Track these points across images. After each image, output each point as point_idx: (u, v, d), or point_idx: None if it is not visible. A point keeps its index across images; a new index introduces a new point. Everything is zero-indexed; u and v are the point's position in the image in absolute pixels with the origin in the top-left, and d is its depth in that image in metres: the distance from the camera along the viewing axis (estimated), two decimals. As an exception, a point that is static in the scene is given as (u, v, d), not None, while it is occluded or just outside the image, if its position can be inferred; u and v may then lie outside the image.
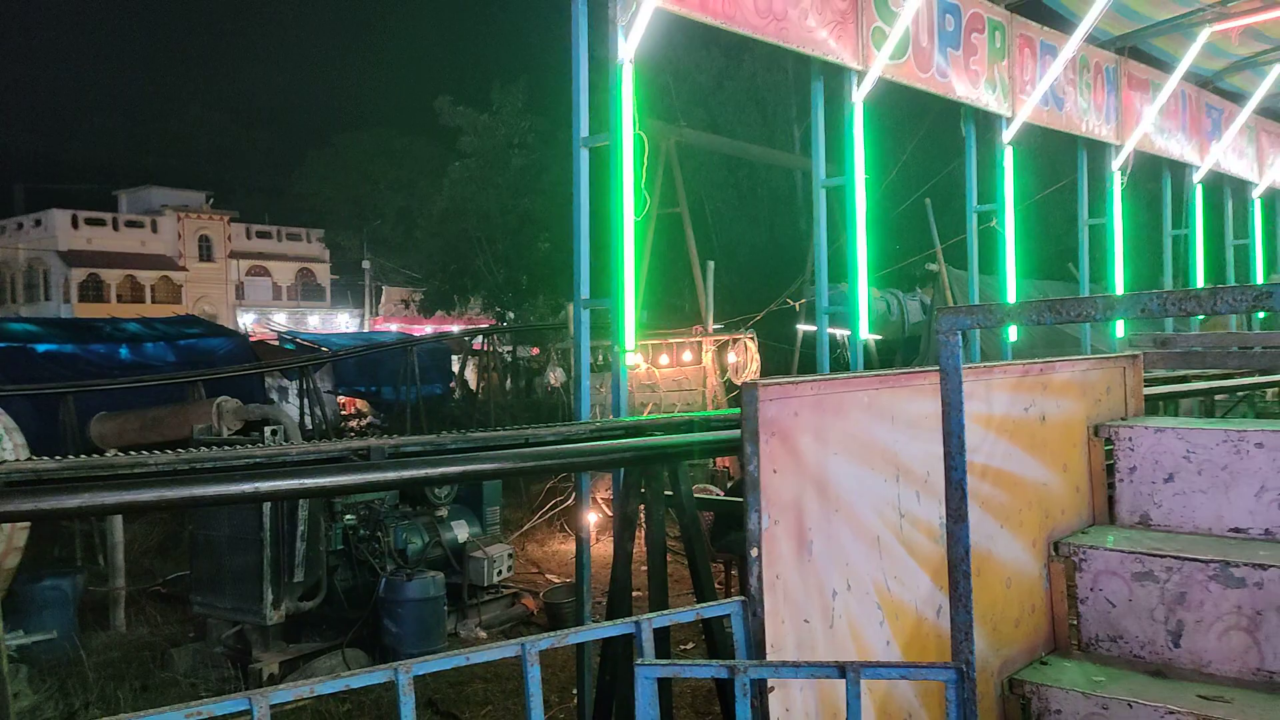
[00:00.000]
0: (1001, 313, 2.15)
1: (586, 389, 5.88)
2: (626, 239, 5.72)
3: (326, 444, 3.27)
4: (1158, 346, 3.96)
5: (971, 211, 9.56)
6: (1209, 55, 11.37)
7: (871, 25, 7.56)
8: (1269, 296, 1.53)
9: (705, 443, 4.27)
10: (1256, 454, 2.99)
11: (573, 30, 5.86)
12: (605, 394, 10.40)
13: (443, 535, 8.31)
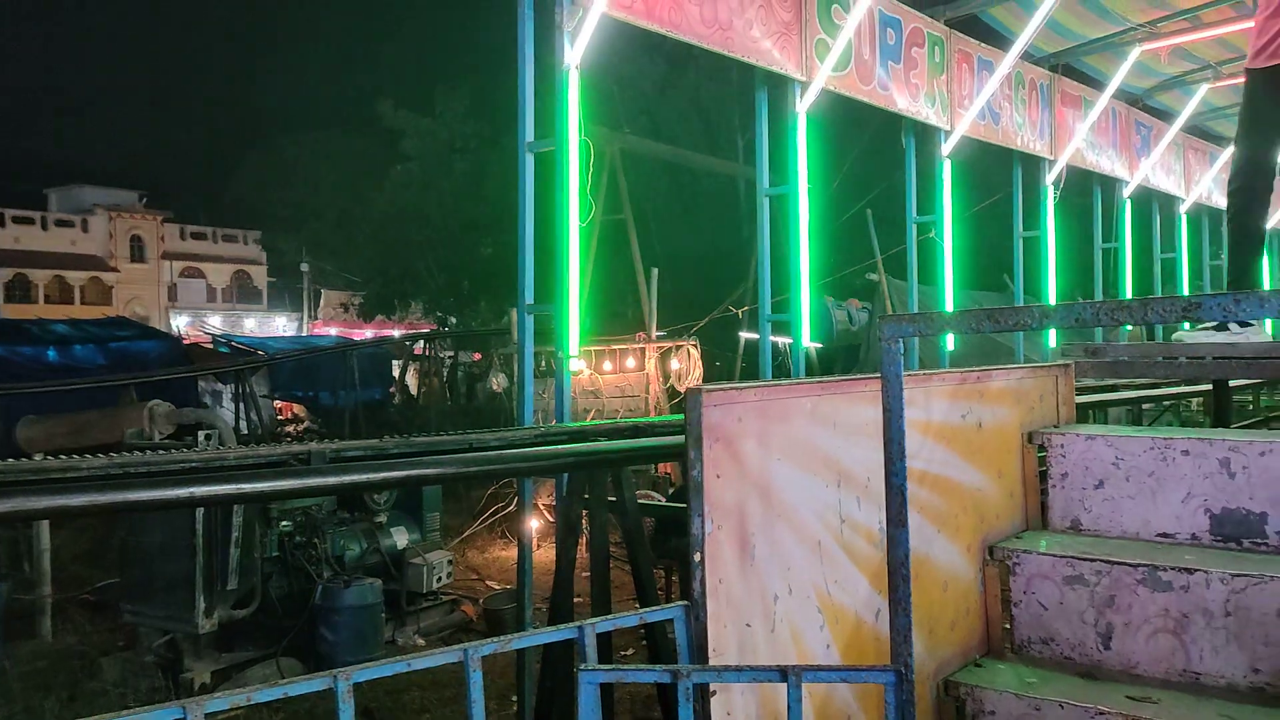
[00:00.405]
0: (942, 321, 2.19)
1: (530, 394, 5.86)
2: (571, 245, 5.72)
3: (265, 448, 3.21)
4: (1088, 356, 4.06)
5: (911, 222, 9.73)
6: (1139, 74, 11.72)
7: (815, 37, 7.66)
8: (1197, 307, 1.58)
9: (649, 448, 4.29)
10: (1182, 461, 3.08)
11: (519, 35, 5.85)
12: (548, 400, 10.37)
13: (381, 542, 8.21)
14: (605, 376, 13.66)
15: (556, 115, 5.75)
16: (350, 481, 3.07)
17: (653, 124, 24.99)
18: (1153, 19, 10.18)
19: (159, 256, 52.85)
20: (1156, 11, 10.03)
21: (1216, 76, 11.95)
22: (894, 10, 8.74)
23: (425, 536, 8.77)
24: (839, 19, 7.82)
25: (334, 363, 17.61)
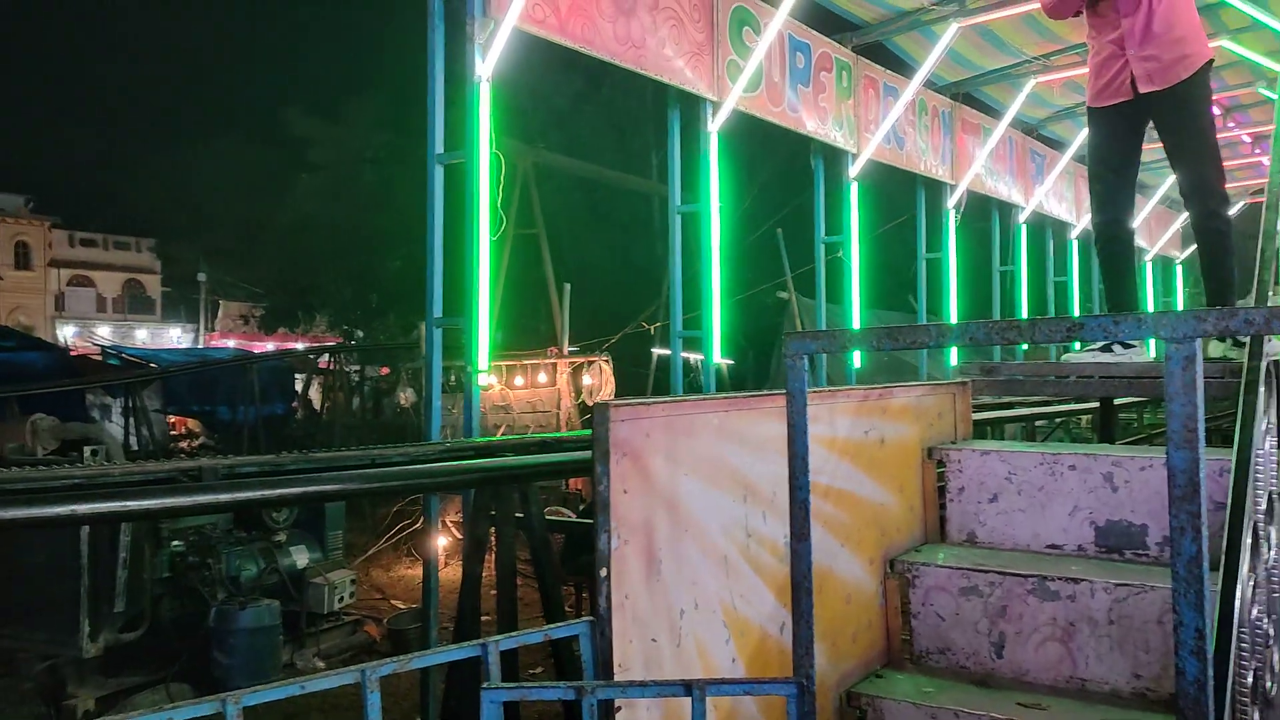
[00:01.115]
0: (845, 338, 2.23)
1: (438, 409, 5.78)
2: (482, 258, 5.67)
3: (153, 464, 3.09)
4: (984, 374, 4.19)
5: (819, 242, 9.93)
6: (1034, 104, 12.22)
7: (727, 58, 7.78)
8: (1080, 328, 1.65)
9: (557, 463, 4.26)
10: (1070, 475, 3.20)
11: (428, 46, 5.79)
12: (457, 415, 10.25)
13: (280, 561, 7.97)
14: (516, 391, 13.57)
15: (467, 127, 5.71)
16: (245, 498, 2.97)
17: (567, 139, 25.00)
18: (1046, 53, 10.63)
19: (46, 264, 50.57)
20: (1050, 45, 10.47)
21: (1105, 109, 12.51)
22: (803, 35, 8.94)
23: (327, 555, 8.55)
24: (750, 41, 7.96)
25: (233, 377, 17.06)
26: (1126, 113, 4.32)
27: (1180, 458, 1.52)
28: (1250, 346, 2.34)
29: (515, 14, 5.73)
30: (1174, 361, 1.52)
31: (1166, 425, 1.55)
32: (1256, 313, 1.54)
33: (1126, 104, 4.29)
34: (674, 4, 7.25)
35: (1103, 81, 4.36)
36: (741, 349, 18.56)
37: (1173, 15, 4.19)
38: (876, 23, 9.59)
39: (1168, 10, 4.17)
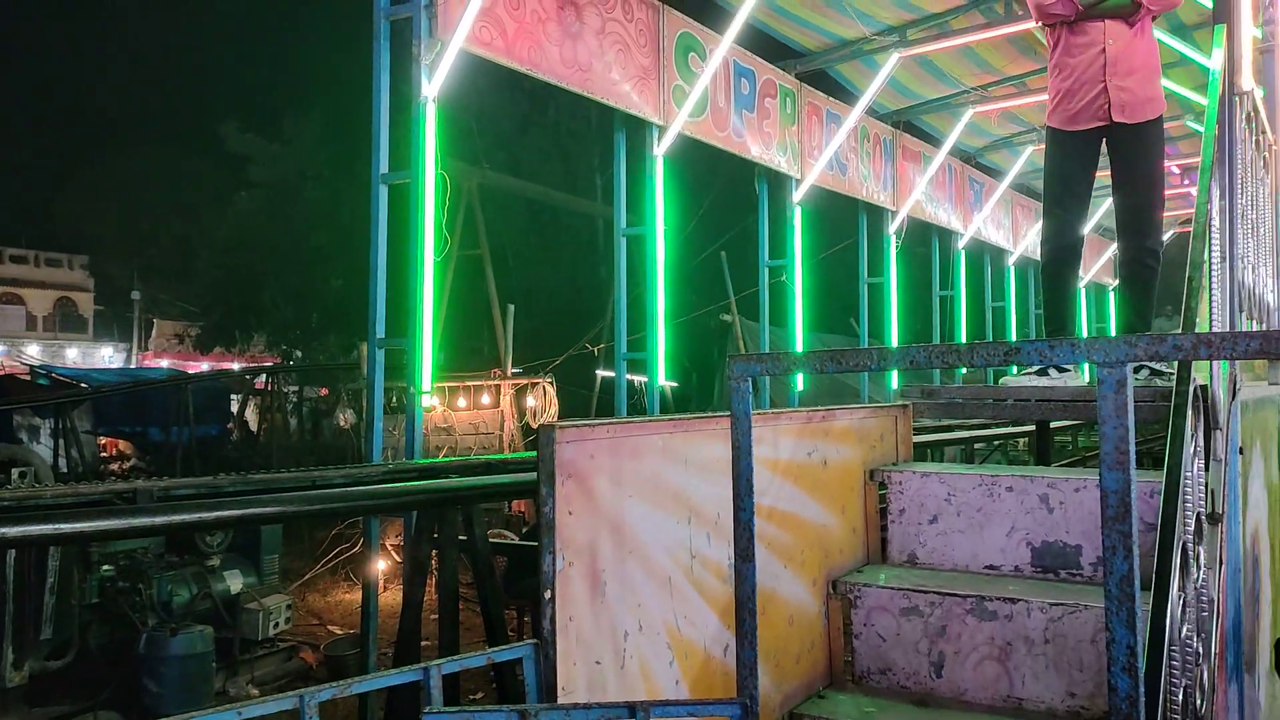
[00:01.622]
0: (788, 361, 2.26)
1: (379, 430, 5.71)
2: (426, 279, 5.64)
3: (85, 486, 3.01)
4: (924, 397, 4.26)
5: (763, 266, 10.04)
6: (972, 133, 12.53)
7: (673, 83, 7.85)
8: (1017, 352, 1.69)
9: (501, 485, 4.24)
10: (1007, 497, 3.27)
11: (374, 66, 5.77)
12: (399, 437, 10.13)
13: (213, 586, 7.76)
14: (459, 413, 13.44)
15: (413, 148, 5.69)
16: (181, 521, 2.90)
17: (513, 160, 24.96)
18: (984, 83, 10.93)
19: (-27, 280, 49.07)
20: (987, 76, 10.76)
21: (1040, 139, 12.88)
22: (748, 62, 9.07)
23: (262, 580, 8.36)
24: (696, 67, 8.05)
25: (166, 397, 16.66)
26: (1094, 139, 4.37)
27: (1112, 479, 1.56)
28: (1179, 372, 2.41)
29: (462, 36, 5.73)
30: (1106, 385, 1.56)
31: (1099, 448, 1.59)
32: (1185, 339, 1.59)
33: (1097, 130, 4.32)
34: (620, 29, 7.31)
35: (1078, 105, 4.34)
36: (685, 371, 18.64)
37: (1151, 56, 4.32)
38: (820, 51, 9.78)
39: (1147, 50, 4.30)
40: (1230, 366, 2.93)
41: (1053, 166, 4.53)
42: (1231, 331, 2.41)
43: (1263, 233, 4.16)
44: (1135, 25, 4.27)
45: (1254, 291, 3.84)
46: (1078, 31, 4.31)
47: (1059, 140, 4.45)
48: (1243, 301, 3.51)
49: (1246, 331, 2.51)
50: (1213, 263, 2.96)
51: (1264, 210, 4.25)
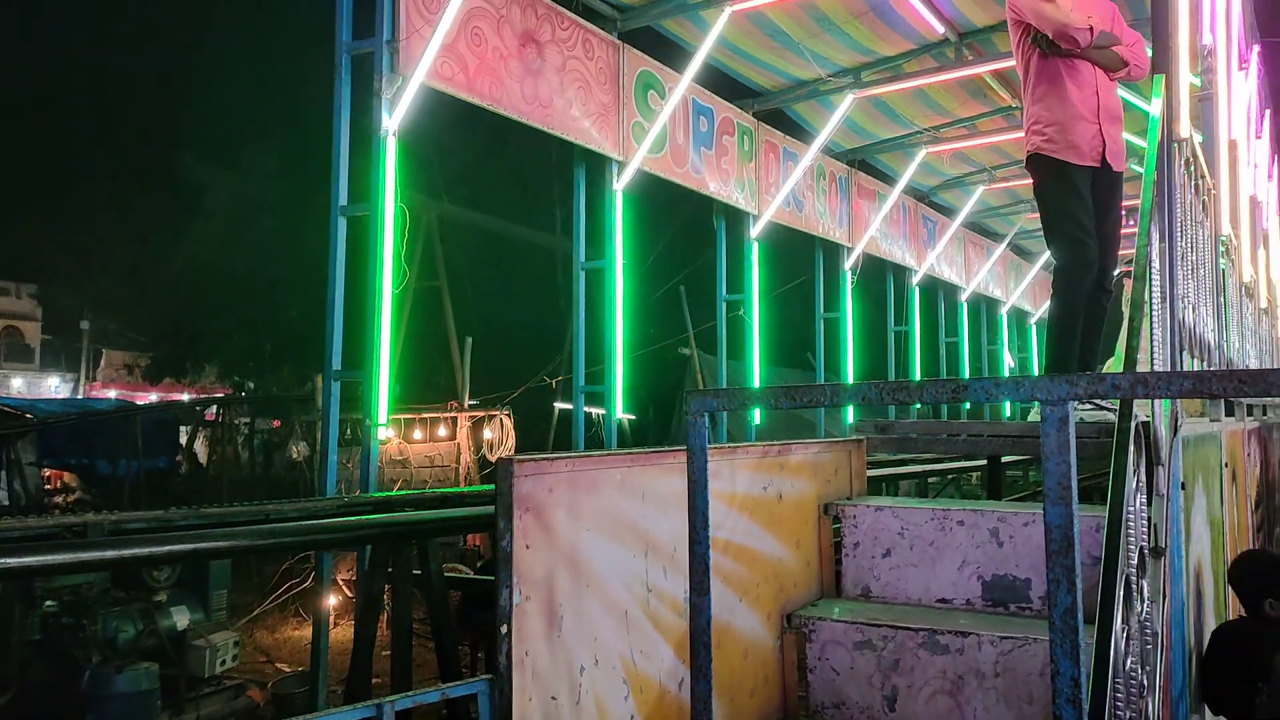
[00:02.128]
0: (745, 397, 2.29)
1: (334, 463, 5.66)
2: (383, 311, 5.63)
3: (34, 519, 2.95)
4: (878, 432, 4.32)
5: (721, 300, 10.14)
6: (926, 173, 12.79)
7: (632, 120, 7.95)
8: (966, 389, 1.74)
9: (459, 518, 4.22)
10: (958, 531, 3.32)
11: (335, 99, 5.78)
12: (353, 469, 10.02)
13: (160, 622, 7.59)
14: (414, 445, 13.33)
15: (372, 181, 5.70)
16: (132, 555, 2.85)
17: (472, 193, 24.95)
18: (936, 124, 11.18)
19: (-85, 307, 47.87)
20: (939, 118, 11.02)
21: (991, 179, 13.20)
22: (707, 100, 9.20)
23: (210, 616, 8.18)
24: (655, 104, 8.16)
25: (114, 429, 16.34)
26: (1086, 176, 4.35)
27: (1055, 513, 1.60)
28: (1120, 409, 2.48)
29: (424, 71, 5.77)
30: (1049, 423, 1.61)
31: (1043, 483, 1.64)
32: (1124, 378, 1.65)
33: (1089, 168, 4.32)
34: (581, 66, 7.40)
35: (1078, 139, 4.32)
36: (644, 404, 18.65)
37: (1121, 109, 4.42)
38: (777, 91, 9.96)
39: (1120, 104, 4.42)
40: (1171, 404, 3.02)
41: (1066, 195, 4.32)
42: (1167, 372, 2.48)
43: (1202, 274, 4.29)
44: (1113, 80, 4.42)
45: (1195, 330, 3.95)
46: (1073, 69, 4.33)
47: (1063, 171, 4.32)
48: (1184, 340, 3.62)
49: (1181, 372, 2.59)
50: (1153, 303, 3.06)
51: (1204, 252, 4.39)
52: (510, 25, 6.73)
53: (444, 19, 5.90)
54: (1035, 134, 4.35)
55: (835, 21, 8.53)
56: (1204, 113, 5.31)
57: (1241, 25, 7.67)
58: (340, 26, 5.90)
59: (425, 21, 5.95)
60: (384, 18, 5.77)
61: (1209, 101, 5.34)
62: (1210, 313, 4.54)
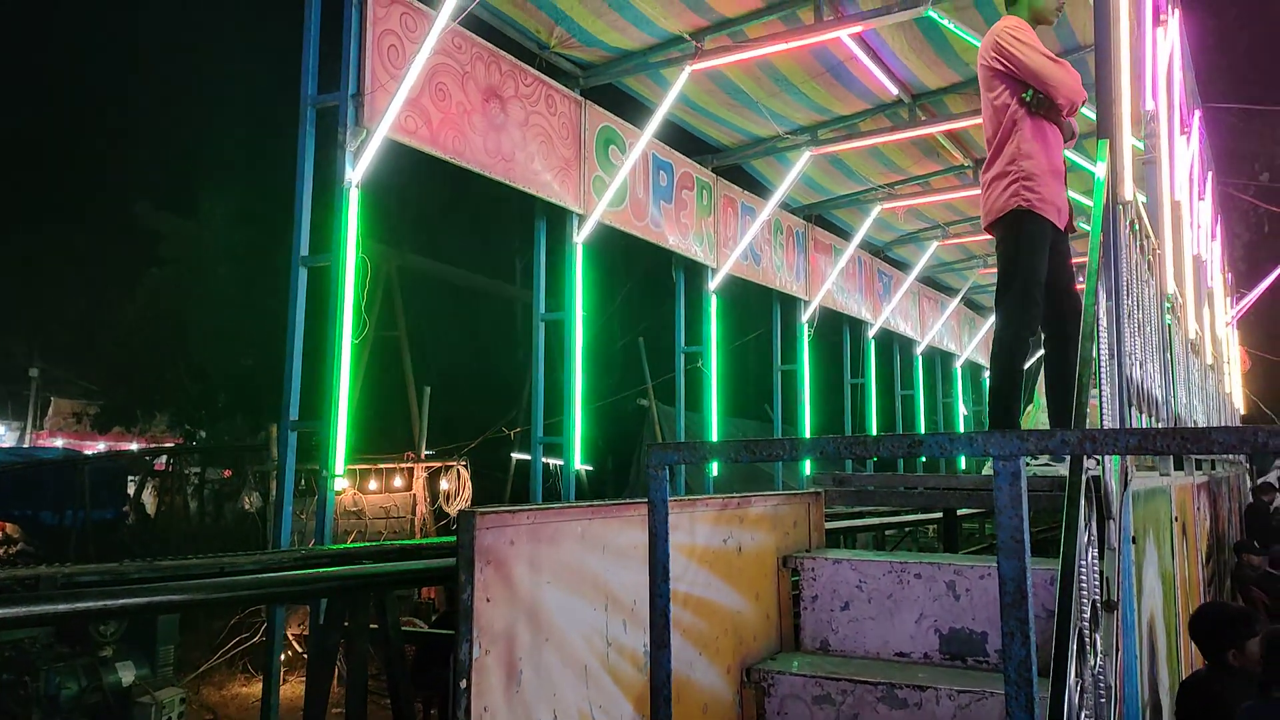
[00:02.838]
0: (704, 450, 2.32)
1: (289, 515, 5.59)
2: (342, 362, 5.61)
3: (-20, 572, 2.88)
4: (836, 485, 4.37)
5: (680, 352, 10.21)
6: (881, 228, 13.04)
7: (593, 174, 8.05)
8: (921, 445, 1.78)
9: (418, 571, 4.17)
10: (916, 584, 3.35)
11: (299, 151, 5.81)
12: (306, 520, 9.87)
13: (105, 678, 7.37)
14: (369, 496, 13.16)
15: (334, 232, 5.70)
16: (84, 609, 2.79)
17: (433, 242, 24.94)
18: (891, 181, 11.45)
19: None
20: (894, 175, 11.29)
21: (944, 235, 13.50)
22: (667, 155, 9.35)
23: (156, 672, 7.96)
24: (616, 159, 8.27)
25: (60, 478, 15.98)
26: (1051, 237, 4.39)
27: (1008, 566, 1.64)
28: (1070, 465, 2.54)
29: (387, 125, 5.82)
30: (1001, 477, 1.66)
31: (997, 536, 1.68)
32: (1072, 435, 1.71)
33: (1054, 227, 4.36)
34: (543, 121, 7.50)
35: (1056, 198, 4.33)
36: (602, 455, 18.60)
37: None
38: (735, 147, 10.15)
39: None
40: (1121, 458, 3.10)
41: (1038, 255, 4.27)
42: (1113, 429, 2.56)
43: (1149, 331, 4.41)
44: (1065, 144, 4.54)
45: (1143, 386, 4.06)
46: (1050, 129, 4.36)
47: (1044, 229, 4.29)
48: (1132, 396, 3.71)
49: (1127, 429, 2.67)
50: (1101, 360, 3.15)
51: (1150, 310, 4.52)
52: (474, 81, 6.83)
53: (409, 75, 5.97)
54: (1025, 189, 4.26)
55: (792, 82, 8.74)
56: (1148, 175, 5.50)
57: (1183, 92, 7.98)
58: (306, 80, 5.95)
59: (390, 76, 6.02)
60: (349, 72, 5.83)
61: (1152, 165, 5.54)
62: (1158, 369, 4.67)
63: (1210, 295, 10.45)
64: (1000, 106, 4.36)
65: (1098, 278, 3.28)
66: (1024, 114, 4.31)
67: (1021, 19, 4.37)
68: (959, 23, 7.44)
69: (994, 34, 4.35)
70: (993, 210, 4.39)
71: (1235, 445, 1.59)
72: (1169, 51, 6.67)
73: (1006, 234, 4.36)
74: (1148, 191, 5.46)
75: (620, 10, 7.34)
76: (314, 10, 6.00)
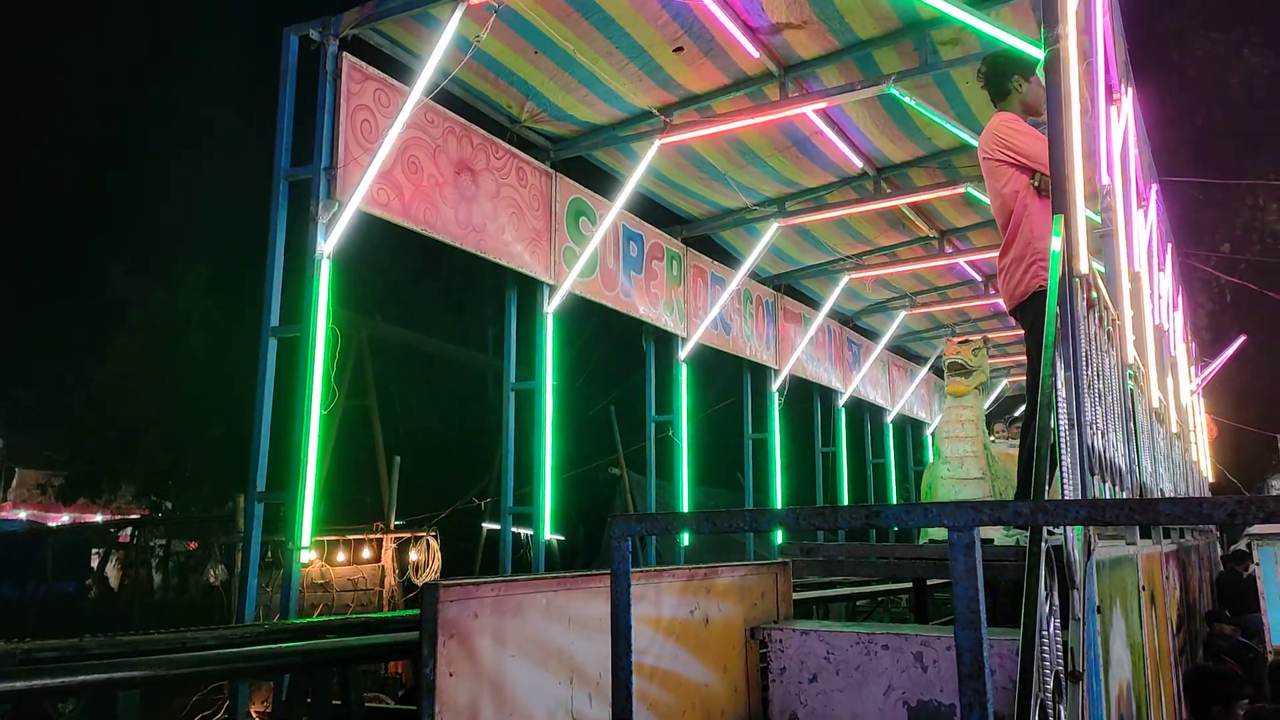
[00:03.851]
0: (668, 521, 2.34)
1: (254, 588, 5.50)
2: (312, 433, 5.58)
3: (-67, 650, 2.82)
4: (804, 555, 4.37)
5: (651, 421, 10.22)
6: (849, 298, 13.23)
7: (564, 245, 8.15)
8: (878, 514, 1.81)
9: (382, 645, 4.11)
10: (884, 655, 3.35)
11: (271, 222, 5.85)
12: (271, 593, 9.70)
13: (60, 759, 7.15)
14: (337, 568, 12.95)
15: (305, 303, 5.72)
16: (43, 685, 2.72)
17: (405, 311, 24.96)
18: (858, 252, 11.66)
19: None
20: (861, 246, 11.50)
21: (912, 305, 13.71)
22: (637, 226, 9.49)
23: (114, 751, 7.73)
24: (586, 230, 8.39)
25: (22, 551, 15.64)
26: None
27: (965, 637, 1.66)
28: (1030, 534, 2.58)
29: (360, 197, 5.89)
30: (956, 548, 1.69)
31: (954, 607, 1.70)
32: (1025, 505, 1.74)
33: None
34: (515, 193, 7.61)
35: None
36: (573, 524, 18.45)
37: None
38: (705, 218, 10.33)
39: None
40: (1084, 527, 3.13)
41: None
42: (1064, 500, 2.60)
43: (1110, 401, 4.49)
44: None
45: (1105, 455, 4.12)
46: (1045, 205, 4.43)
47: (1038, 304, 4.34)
48: (1094, 465, 3.76)
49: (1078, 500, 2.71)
50: (1061, 430, 3.20)
51: (1111, 380, 4.60)
52: (446, 154, 6.93)
53: (382, 148, 6.06)
54: (1043, 269, 4.26)
55: (760, 155, 8.94)
56: (1105, 248, 5.64)
57: (1139, 166, 8.20)
58: (279, 152, 6.01)
59: (364, 150, 6.10)
60: (323, 145, 5.91)
61: (1109, 238, 5.68)
62: (1121, 438, 4.73)
63: (1174, 364, 10.63)
64: (1009, 194, 4.54)
65: (1054, 349, 3.35)
66: (1033, 197, 4.48)
67: (1014, 113, 4.62)
68: (920, 100, 7.66)
69: (992, 130, 4.59)
70: (1015, 295, 4.54)
71: (1181, 516, 1.64)
72: (1123, 128, 6.88)
73: (1036, 316, 4.34)
74: (1105, 264, 5.60)
75: (590, 86, 7.51)
76: (289, 84, 6.09)
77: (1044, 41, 4.09)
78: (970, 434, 6.86)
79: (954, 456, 6.82)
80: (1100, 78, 5.58)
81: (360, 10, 6.16)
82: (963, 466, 6.71)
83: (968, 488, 6.65)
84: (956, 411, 7.06)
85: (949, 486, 6.71)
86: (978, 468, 6.71)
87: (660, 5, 6.58)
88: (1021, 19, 6.79)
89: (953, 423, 7.02)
